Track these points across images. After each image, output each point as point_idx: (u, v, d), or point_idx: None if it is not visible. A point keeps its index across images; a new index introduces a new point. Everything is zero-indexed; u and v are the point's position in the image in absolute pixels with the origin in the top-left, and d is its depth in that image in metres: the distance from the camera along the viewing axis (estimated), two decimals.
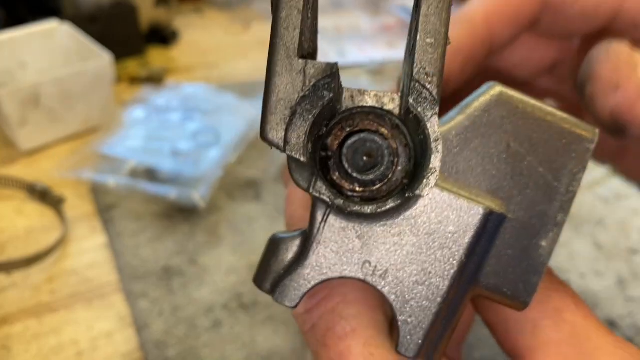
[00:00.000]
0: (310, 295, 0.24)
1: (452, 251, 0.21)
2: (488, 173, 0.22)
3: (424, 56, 0.19)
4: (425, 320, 0.21)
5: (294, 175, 0.20)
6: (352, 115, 0.21)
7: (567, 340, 0.22)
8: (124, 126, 0.66)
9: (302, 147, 0.19)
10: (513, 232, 0.22)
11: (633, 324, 0.48)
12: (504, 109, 0.22)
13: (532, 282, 0.22)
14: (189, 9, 1.03)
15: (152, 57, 0.86)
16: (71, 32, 0.69)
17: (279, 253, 0.22)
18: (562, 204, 0.22)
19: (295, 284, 0.21)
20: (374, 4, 1.09)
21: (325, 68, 0.19)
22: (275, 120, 0.19)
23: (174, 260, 0.51)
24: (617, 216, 0.59)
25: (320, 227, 0.21)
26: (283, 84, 0.19)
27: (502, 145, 0.22)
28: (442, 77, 0.19)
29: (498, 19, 0.30)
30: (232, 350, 0.44)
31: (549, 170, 0.22)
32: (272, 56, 0.19)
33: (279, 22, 0.19)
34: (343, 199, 0.20)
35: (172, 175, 0.59)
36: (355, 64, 0.87)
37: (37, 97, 0.61)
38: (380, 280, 0.21)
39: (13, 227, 0.54)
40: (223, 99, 0.72)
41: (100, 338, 0.44)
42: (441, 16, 0.19)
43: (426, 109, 0.19)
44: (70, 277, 0.49)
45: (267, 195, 0.59)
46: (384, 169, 0.20)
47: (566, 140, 0.22)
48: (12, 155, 0.63)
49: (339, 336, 0.22)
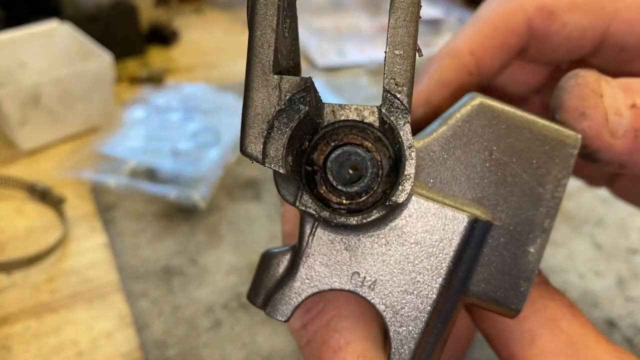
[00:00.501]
0: (305, 310, 0.24)
1: (439, 259, 0.21)
2: (472, 181, 0.22)
3: (394, 67, 0.20)
4: (416, 329, 0.21)
5: (281, 190, 0.20)
6: (335, 129, 0.21)
7: (564, 349, 0.23)
8: (124, 126, 0.66)
9: (281, 159, 0.19)
10: (500, 239, 0.22)
11: (633, 324, 0.48)
12: (484, 119, 0.22)
13: (522, 289, 0.22)
14: (189, 9, 1.03)
15: (152, 57, 0.86)
16: (71, 32, 0.69)
17: (270, 268, 0.22)
18: (548, 209, 0.22)
19: (287, 298, 0.21)
20: (374, 4, 1.09)
21: (299, 82, 0.19)
22: (254, 134, 0.19)
23: (174, 260, 0.51)
24: (617, 216, 0.59)
25: (308, 240, 0.21)
26: (259, 99, 0.19)
27: (484, 153, 0.22)
28: (412, 87, 0.20)
29: (484, 50, 0.30)
30: (232, 350, 0.44)
31: (533, 177, 0.22)
32: (248, 72, 0.19)
33: (254, 40, 0.19)
34: (329, 212, 0.20)
35: (172, 175, 0.59)
36: (355, 64, 0.87)
37: (37, 97, 0.61)
38: (369, 291, 0.21)
39: (13, 227, 0.54)
40: (223, 99, 0.73)
41: (100, 338, 0.44)
42: (409, 28, 0.19)
43: (398, 118, 0.20)
44: (71, 277, 0.49)
45: (267, 195, 0.59)
46: (368, 181, 0.21)
47: (549, 147, 0.22)
48: (13, 155, 0.63)
49: (333, 349, 0.22)
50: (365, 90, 0.81)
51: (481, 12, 0.31)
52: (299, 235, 0.22)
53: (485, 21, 0.30)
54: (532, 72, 0.34)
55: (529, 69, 0.34)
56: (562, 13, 0.29)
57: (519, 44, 0.30)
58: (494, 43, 0.30)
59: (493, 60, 0.30)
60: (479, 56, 0.30)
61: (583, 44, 0.29)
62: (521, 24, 0.29)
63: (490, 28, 0.30)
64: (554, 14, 0.29)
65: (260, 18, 0.19)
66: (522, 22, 0.29)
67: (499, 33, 0.30)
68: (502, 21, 0.30)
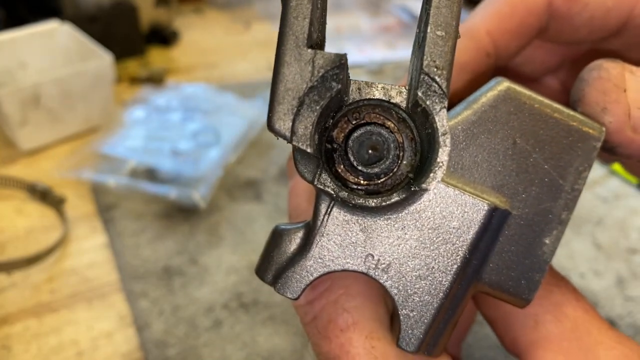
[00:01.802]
0: (312, 287, 0.23)
1: (455, 246, 0.21)
2: (493, 169, 0.22)
3: (434, 49, 0.19)
4: (426, 315, 0.21)
5: (299, 167, 0.20)
6: (358, 107, 0.20)
7: (567, 334, 0.23)
8: (124, 126, 0.66)
9: (309, 138, 0.19)
10: (517, 228, 0.22)
11: (632, 323, 0.48)
12: (511, 105, 0.22)
13: (535, 280, 0.22)
14: (189, 9, 1.03)
15: (152, 57, 0.86)
16: (71, 32, 0.69)
17: (282, 244, 0.22)
18: (566, 201, 0.22)
19: (298, 276, 0.21)
20: (374, 4, 1.09)
21: (334, 59, 0.18)
22: (283, 111, 0.19)
23: (174, 260, 0.51)
24: (617, 216, 0.59)
25: (323, 219, 0.21)
26: (291, 74, 0.19)
27: (508, 141, 0.22)
28: (452, 70, 0.19)
29: (502, 31, 0.29)
30: (232, 350, 0.44)
31: (555, 168, 0.22)
32: (280, 45, 0.18)
33: (289, 11, 0.18)
34: (347, 192, 0.20)
35: (172, 175, 0.59)
36: (355, 64, 0.87)
37: (37, 97, 0.61)
38: (382, 274, 0.21)
39: (13, 227, 0.54)
40: (223, 99, 0.73)
41: (101, 338, 0.44)
42: (452, 9, 0.19)
43: (435, 102, 0.19)
44: (71, 277, 0.49)
45: (267, 195, 0.59)
46: (389, 163, 0.20)
47: (572, 138, 0.22)
48: (13, 155, 0.63)
49: (340, 328, 0.22)
50: None
51: None
52: (313, 213, 0.21)
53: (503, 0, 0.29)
54: (549, 52, 0.33)
55: (547, 48, 0.33)
56: None
57: (539, 25, 0.29)
58: (513, 23, 0.29)
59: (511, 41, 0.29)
60: (497, 37, 0.29)
61: (606, 25, 0.28)
62: (541, 4, 0.28)
63: (509, 7, 0.29)
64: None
65: None
66: (542, 1, 0.28)
67: (518, 13, 0.29)
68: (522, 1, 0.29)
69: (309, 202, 0.27)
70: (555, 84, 0.35)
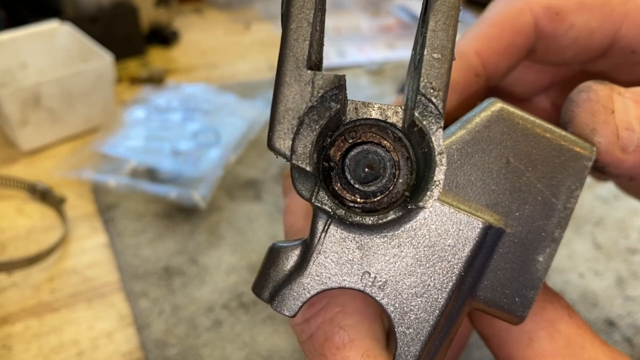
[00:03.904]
0: (308, 305, 0.24)
1: (450, 264, 0.21)
2: (487, 188, 0.22)
3: (431, 71, 0.19)
4: (423, 332, 0.21)
5: (297, 185, 0.20)
6: (355, 127, 0.21)
7: (561, 350, 0.23)
8: (125, 126, 0.66)
9: (308, 157, 0.19)
10: (511, 246, 0.22)
11: (632, 324, 0.48)
12: (504, 125, 0.22)
13: (529, 297, 0.22)
14: (189, 9, 1.03)
15: (152, 57, 0.86)
16: (72, 32, 0.69)
17: (279, 262, 0.22)
18: (559, 220, 0.22)
19: (295, 294, 0.21)
20: (374, 4, 1.09)
21: (333, 80, 0.19)
22: (283, 130, 0.19)
23: (174, 259, 0.51)
24: (616, 216, 0.59)
25: (321, 237, 0.21)
26: (291, 94, 0.19)
27: (501, 160, 0.22)
28: (447, 92, 0.19)
29: (491, 51, 0.30)
30: (232, 350, 0.44)
31: (548, 187, 0.22)
32: (281, 66, 0.19)
33: (289, 34, 0.19)
34: (344, 210, 0.20)
35: (172, 175, 0.59)
36: (355, 64, 0.87)
37: (37, 97, 0.61)
38: (379, 292, 0.21)
39: (14, 226, 0.54)
40: (223, 99, 0.73)
41: (101, 337, 0.45)
42: (448, 32, 0.19)
43: (431, 123, 0.19)
44: (71, 277, 0.49)
45: (267, 195, 0.60)
46: (386, 181, 0.21)
47: (564, 157, 0.22)
48: (13, 155, 0.63)
49: (337, 346, 0.22)
50: (365, 90, 0.81)
51: (488, 13, 0.31)
52: (310, 231, 0.21)
53: (491, 22, 0.30)
54: (540, 72, 0.34)
55: (537, 69, 0.34)
56: (570, 14, 0.28)
57: (527, 45, 0.30)
58: (501, 44, 0.30)
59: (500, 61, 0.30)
60: (486, 57, 0.30)
61: (592, 45, 0.29)
62: (528, 25, 0.29)
63: (497, 29, 0.29)
64: (561, 14, 0.28)
65: (297, 10, 0.19)
66: (529, 22, 0.29)
67: (506, 34, 0.29)
68: (509, 22, 0.29)
69: (305, 219, 0.27)
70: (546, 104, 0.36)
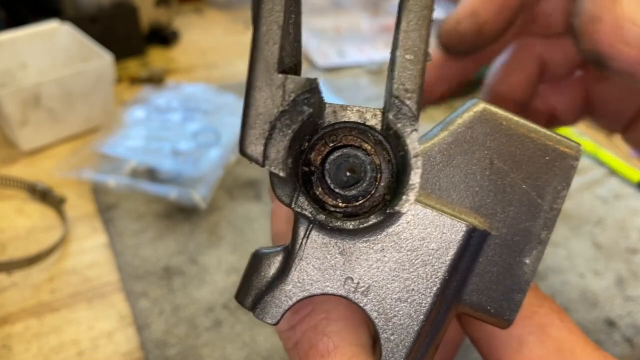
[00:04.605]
0: (293, 312, 0.23)
1: (434, 268, 0.21)
2: (471, 190, 0.22)
3: (404, 72, 0.19)
4: (407, 338, 0.21)
5: (276, 191, 0.20)
6: (335, 130, 0.21)
7: (551, 356, 0.23)
8: (125, 126, 0.66)
9: (282, 162, 0.19)
10: (496, 249, 0.22)
11: (632, 324, 0.48)
12: (487, 126, 0.22)
13: (516, 300, 0.22)
14: (189, 9, 1.03)
15: (152, 57, 0.86)
16: (72, 32, 0.69)
17: (261, 268, 0.22)
18: (545, 221, 0.22)
19: (277, 301, 0.21)
20: (374, 4, 1.09)
21: (304, 83, 0.19)
22: (255, 135, 0.19)
23: (174, 259, 0.51)
24: (616, 216, 0.59)
25: (302, 242, 0.21)
26: (262, 99, 0.19)
27: (485, 161, 0.22)
28: (422, 93, 0.19)
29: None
30: (232, 350, 0.44)
31: (533, 188, 0.22)
32: (251, 70, 0.19)
33: (260, 37, 0.19)
34: (325, 215, 0.20)
35: (172, 175, 0.59)
36: (354, 64, 0.87)
37: (37, 97, 0.61)
38: (362, 297, 0.21)
39: (14, 227, 0.54)
40: (223, 99, 0.73)
41: (101, 337, 0.45)
42: (421, 32, 0.19)
43: (406, 125, 0.19)
44: (71, 277, 0.49)
45: (267, 195, 0.60)
46: (367, 185, 0.20)
47: (550, 157, 0.22)
48: (13, 155, 0.63)
49: (321, 353, 0.22)
50: (365, 90, 0.81)
51: None
52: (292, 237, 0.21)
53: None
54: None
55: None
56: None
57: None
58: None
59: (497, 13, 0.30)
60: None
61: None
62: None
63: None
64: None
65: (267, 13, 0.18)
66: None
67: None
68: None
69: (288, 224, 0.27)
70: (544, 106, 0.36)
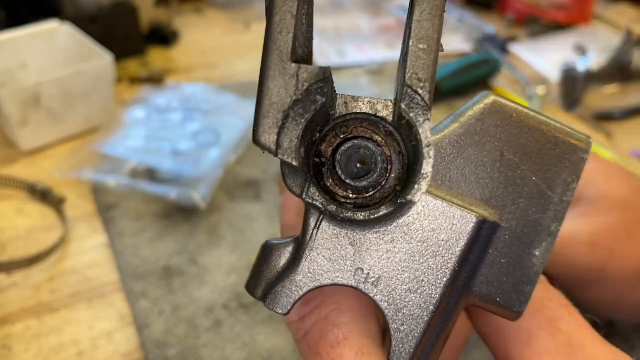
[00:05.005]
0: (303, 303, 0.24)
1: (444, 259, 0.21)
2: (482, 182, 0.22)
3: (417, 62, 0.19)
4: (417, 328, 0.21)
5: (288, 181, 0.20)
6: (346, 121, 0.21)
7: (561, 350, 0.23)
8: (125, 126, 0.66)
9: (295, 151, 0.19)
10: (506, 241, 0.22)
11: (631, 323, 0.48)
12: (497, 118, 0.22)
13: (526, 292, 0.22)
14: (189, 9, 1.03)
15: (152, 57, 0.86)
16: (72, 32, 0.69)
17: (272, 259, 0.22)
18: (555, 213, 0.22)
19: (287, 291, 0.21)
20: (374, 4, 1.09)
21: (318, 73, 0.19)
22: (268, 124, 0.19)
23: (174, 260, 0.51)
24: None
25: (312, 233, 0.21)
26: (276, 88, 0.19)
27: (495, 154, 0.22)
28: (434, 83, 0.19)
29: None
30: (232, 350, 0.44)
31: (543, 180, 0.22)
32: (265, 60, 0.19)
33: (273, 26, 0.19)
34: (336, 206, 0.20)
35: (172, 175, 0.59)
36: (354, 64, 0.87)
37: (37, 97, 0.61)
38: (372, 288, 0.21)
39: (14, 227, 0.54)
40: (223, 99, 0.73)
41: (101, 337, 0.45)
42: (434, 22, 0.19)
43: (418, 115, 0.19)
44: (71, 277, 0.49)
45: (267, 195, 0.60)
46: (377, 176, 0.20)
47: (560, 150, 0.22)
48: (13, 156, 0.63)
49: (331, 344, 0.22)
50: (365, 90, 0.81)
51: None
52: (302, 228, 0.21)
53: None
54: None
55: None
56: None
57: None
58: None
59: None
60: None
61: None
62: None
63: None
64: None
65: (280, 3, 0.18)
66: None
67: None
68: None
69: (298, 216, 0.27)
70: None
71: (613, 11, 1.09)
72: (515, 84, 0.83)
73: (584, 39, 0.95)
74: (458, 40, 0.95)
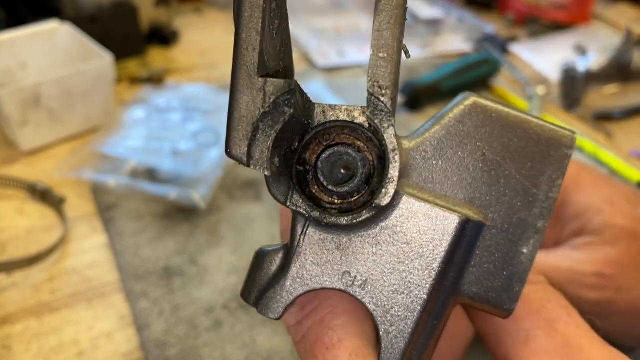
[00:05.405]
0: (300, 307, 0.24)
1: (429, 260, 0.21)
2: (464, 182, 0.22)
3: (377, 70, 0.19)
4: (406, 329, 0.21)
5: (272, 190, 0.21)
6: (327, 129, 0.21)
7: (559, 350, 0.23)
8: (125, 126, 0.66)
9: (266, 162, 0.19)
10: (493, 239, 0.22)
11: None
12: (478, 119, 0.22)
13: (515, 290, 0.22)
14: (189, 9, 1.03)
15: (152, 57, 0.86)
16: (72, 32, 0.69)
17: (263, 266, 0.23)
18: (541, 210, 0.22)
19: (278, 296, 0.22)
20: (374, 4, 1.09)
21: (284, 85, 0.19)
22: (238, 137, 0.19)
23: (174, 260, 0.51)
24: None
25: (300, 239, 0.22)
26: (244, 102, 0.19)
27: (477, 154, 0.22)
28: (397, 89, 0.20)
29: None
30: (232, 350, 0.44)
31: (527, 177, 0.22)
32: (234, 75, 0.20)
33: (240, 43, 0.19)
34: (319, 211, 0.20)
35: (172, 175, 0.59)
36: (355, 64, 0.87)
37: (37, 97, 0.61)
38: (360, 291, 0.21)
39: (14, 227, 0.54)
40: (223, 99, 0.73)
41: (101, 338, 0.45)
42: (393, 31, 0.19)
43: (382, 121, 0.20)
44: (71, 277, 0.49)
45: (267, 195, 0.60)
46: (359, 181, 0.21)
47: (543, 147, 0.22)
48: (13, 155, 0.63)
49: (326, 346, 0.22)
50: (365, 90, 0.81)
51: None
52: (291, 234, 0.22)
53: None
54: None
55: None
56: None
57: None
58: None
59: None
60: None
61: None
62: None
63: None
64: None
65: (246, 21, 0.19)
66: None
67: None
68: None
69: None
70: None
71: (613, 11, 1.09)
72: (515, 84, 0.83)
73: (584, 39, 0.95)
74: (458, 40, 0.95)
